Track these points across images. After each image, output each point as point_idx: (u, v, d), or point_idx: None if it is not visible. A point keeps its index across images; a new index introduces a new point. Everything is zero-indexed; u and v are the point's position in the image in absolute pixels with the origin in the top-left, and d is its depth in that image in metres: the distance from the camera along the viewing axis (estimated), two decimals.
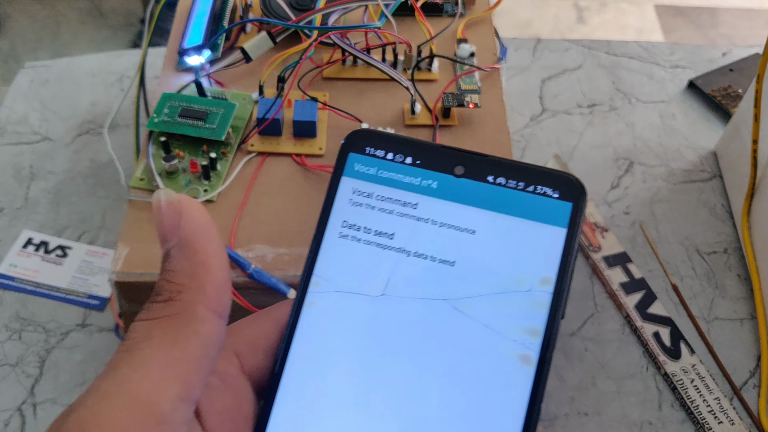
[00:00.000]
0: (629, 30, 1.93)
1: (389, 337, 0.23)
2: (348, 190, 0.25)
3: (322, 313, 0.24)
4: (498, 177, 0.24)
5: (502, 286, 0.23)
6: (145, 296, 0.41)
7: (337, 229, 0.24)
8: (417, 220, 0.24)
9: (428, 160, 0.24)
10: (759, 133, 0.58)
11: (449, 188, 0.24)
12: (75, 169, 0.67)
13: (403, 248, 0.24)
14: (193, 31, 0.54)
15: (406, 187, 0.24)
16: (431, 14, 0.58)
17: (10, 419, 0.51)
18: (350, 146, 0.25)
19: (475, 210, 0.24)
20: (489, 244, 0.24)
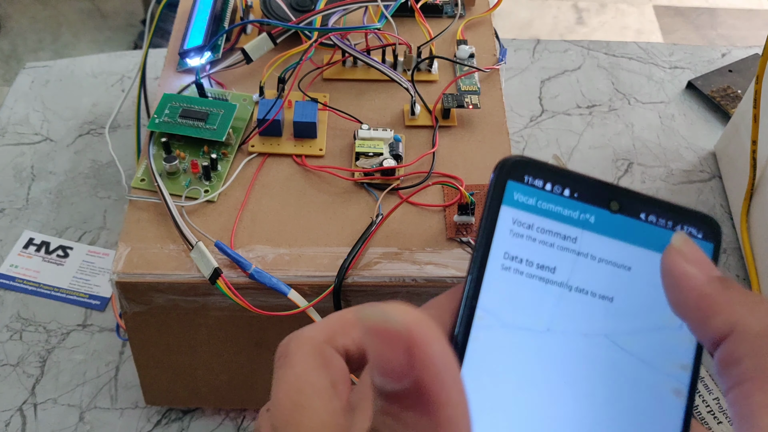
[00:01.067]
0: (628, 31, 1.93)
1: (553, 371, 0.23)
2: (508, 221, 0.24)
3: (489, 349, 0.23)
4: (650, 215, 0.24)
5: (656, 323, 0.24)
6: (145, 296, 0.42)
7: (499, 260, 0.24)
8: (577, 255, 0.24)
9: (586, 193, 0.24)
10: (758, 134, 0.58)
11: (606, 223, 0.24)
12: (76, 169, 0.67)
13: (565, 283, 0.24)
14: (194, 33, 0.54)
15: (566, 221, 0.24)
16: (431, 15, 0.58)
17: (11, 419, 0.51)
18: (508, 174, 0.24)
19: (630, 246, 0.24)
20: (644, 281, 0.24)
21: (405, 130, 0.50)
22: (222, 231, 0.43)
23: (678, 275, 0.22)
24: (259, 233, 0.43)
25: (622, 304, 0.24)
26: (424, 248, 0.43)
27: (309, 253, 0.43)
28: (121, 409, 0.52)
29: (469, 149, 0.49)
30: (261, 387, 0.49)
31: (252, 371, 0.48)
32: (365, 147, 0.47)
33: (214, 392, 0.49)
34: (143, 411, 0.52)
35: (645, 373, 0.24)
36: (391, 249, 0.43)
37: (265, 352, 0.46)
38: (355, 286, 0.41)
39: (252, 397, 0.50)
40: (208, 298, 0.42)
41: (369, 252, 0.43)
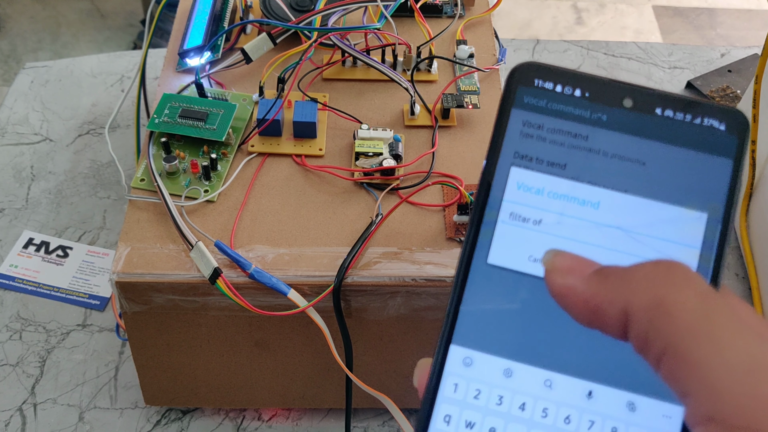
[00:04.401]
0: (628, 31, 1.94)
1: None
2: (518, 122, 0.24)
3: (503, 240, 0.24)
4: (666, 109, 0.24)
5: (674, 214, 0.24)
6: (145, 296, 0.42)
7: (509, 159, 0.24)
8: (588, 151, 0.24)
9: (597, 93, 0.24)
10: (758, 134, 0.58)
11: (619, 120, 0.24)
12: (76, 169, 0.67)
13: (576, 177, 0.24)
14: (194, 33, 0.54)
15: (577, 119, 0.24)
16: (430, 15, 0.58)
17: (11, 419, 0.51)
18: (519, 79, 0.25)
19: (644, 141, 0.24)
20: (660, 174, 0.24)
21: (404, 130, 0.50)
22: (222, 231, 0.43)
23: (560, 295, 0.22)
24: (258, 233, 0.43)
25: (637, 197, 0.24)
26: (424, 248, 0.43)
27: (309, 253, 0.43)
28: (120, 409, 0.52)
29: (468, 149, 0.49)
30: (260, 387, 0.49)
31: (252, 371, 0.48)
32: (365, 147, 0.47)
33: (214, 392, 0.49)
34: (143, 411, 0.52)
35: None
36: (391, 249, 0.43)
37: (265, 352, 0.46)
38: (354, 285, 0.41)
39: (252, 397, 0.50)
40: (208, 298, 0.42)
41: (369, 252, 0.43)
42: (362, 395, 0.45)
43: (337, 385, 0.48)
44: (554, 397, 0.23)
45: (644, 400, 0.23)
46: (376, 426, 0.52)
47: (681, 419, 0.23)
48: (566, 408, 0.23)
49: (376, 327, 0.44)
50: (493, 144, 0.25)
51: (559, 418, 0.23)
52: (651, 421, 0.23)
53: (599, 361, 0.23)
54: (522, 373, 0.24)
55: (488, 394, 0.24)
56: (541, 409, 0.23)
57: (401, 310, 0.43)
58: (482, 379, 0.24)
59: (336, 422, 0.52)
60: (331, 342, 0.42)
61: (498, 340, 0.24)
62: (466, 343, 0.24)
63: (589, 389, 0.23)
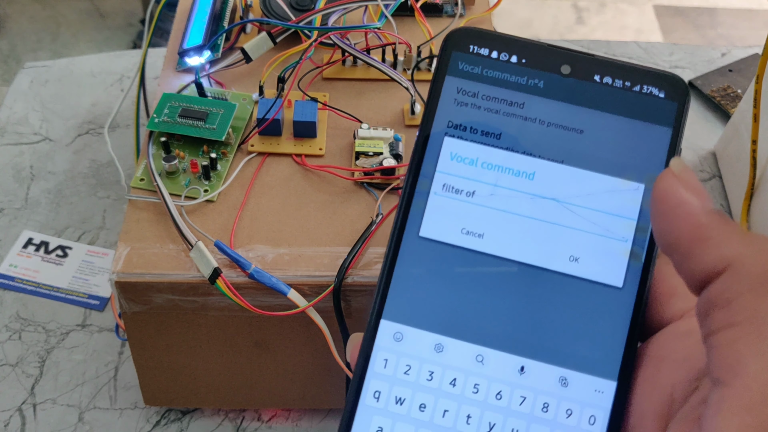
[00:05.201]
0: (628, 30, 1.93)
1: (501, 233, 0.23)
2: (452, 90, 0.24)
3: (437, 211, 0.24)
4: (605, 76, 0.24)
5: (611, 185, 0.23)
6: (145, 296, 0.42)
7: (443, 129, 0.24)
8: (524, 120, 0.24)
9: (534, 59, 0.24)
10: (758, 134, 0.58)
11: (556, 88, 0.24)
12: (75, 169, 0.67)
13: (511, 147, 0.24)
14: (193, 32, 0.54)
15: (512, 87, 0.24)
16: (431, 15, 0.58)
17: (10, 419, 0.51)
18: (453, 45, 0.24)
19: (582, 109, 0.24)
20: (597, 143, 0.23)
21: (405, 130, 0.49)
22: (221, 231, 0.43)
23: (673, 202, 0.21)
24: (258, 233, 0.43)
25: (573, 166, 0.23)
26: None
27: (309, 253, 0.42)
28: (120, 409, 0.52)
29: None
30: (260, 387, 0.49)
31: (251, 371, 0.47)
32: (365, 146, 0.47)
33: (214, 392, 0.49)
34: (142, 411, 0.52)
35: (597, 238, 0.23)
36: None
37: (265, 352, 0.46)
38: (355, 285, 0.41)
39: (252, 397, 0.50)
40: (208, 298, 0.42)
41: (369, 252, 0.43)
42: None
43: (337, 385, 0.48)
44: (486, 373, 0.23)
45: (577, 375, 0.23)
46: None
47: (613, 394, 0.23)
48: (498, 384, 0.23)
49: None
50: (427, 113, 0.24)
51: (490, 393, 0.23)
52: (583, 396, 0.23)
53: (532, 336, 0.23)
54: (453, 348, 0.23)
55: (419, 369, 0.23)
56: (472, 384, 0.23)
57: None
58: (413, 354, 0.23)
59: (336, 422, 0.52)
60: (331, 342, 0.42)
61: (429, 314, 0.23)
62: (396, 318, 0.23)
63: (521, 365, 0.23)
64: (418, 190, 0.24)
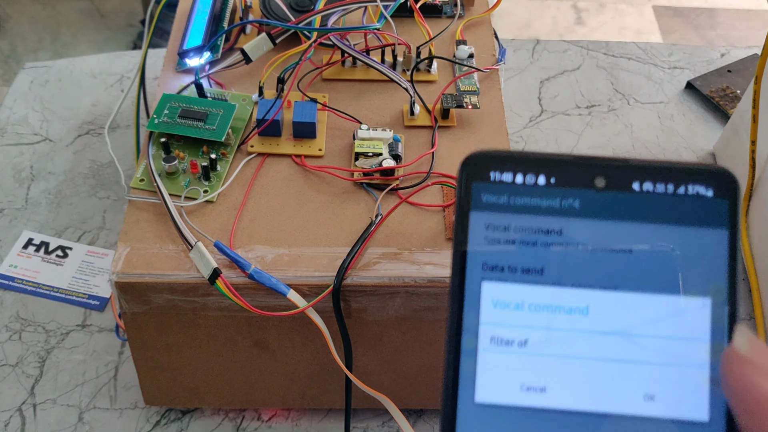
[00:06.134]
0: (628, 31, 1.93)
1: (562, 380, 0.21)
2: (480, 227, 0.22)
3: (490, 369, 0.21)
4: (644, 183, 0.21)
5: (674, 306, 0.21)
6: (144, 296, 0.42)
7: (478, 273, 0.21)
8: (566, 248, 0.21)
9: (563, 176, 0.21)
10: (757, 134, 0.58)
11: (594, 205, 0.21)
12: (75, 169, 0.67)
13: (557, 281, 0.21)
14: (193, 33, 0.54)
15: (546, 212, 0.21)
16: (430, 15, 0.58)
17: (10, 419, 0.51)
18: (472, 175, 0.22)
19: (626, 225, 0.21)
20: (649, 261, 0.21)
21: (404, 130, 0.50)
22: (221, 231, 0.43)
23: (755, 397, 0.19)
24: (258, 233, 0.43)
25: (630, 293, 0.21)
26: (424, 248, 0.43)
27: (308, 254, 0.43)
28: (120, 409, 0.52)
29: (468, 149, 0.49)
30: (260, 387, 0.49)
31: (251, 371, 0.48)
32: (364, 147, 0.47)
33: (213, 392, 0.49)
34: (142, 411, 0.52)
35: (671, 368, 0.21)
36: (391, 249, 0.43)
37: (265, 352, 0.46)
38: (354, 286, 0.41)
39: (251, 397, 0.50)
40: (208, 299, 0.42)
41: (368, 252, 0.43)
42: (362, 396, 0.45)
43: (337, 385, 0.48)
44: None
45: None
46: (376, 426, 0.52)
47: None
48: None
49: (376, 327, 0.44)
50: (457, 257, 0.21)
51: None
52: None
53: None
54: None
55: None
56: None
57: (401, 310, 0.43)
58: None
59: (336, 422, 0.52)
60: (330, 342, 0.42)
61: None
62: None
63: None
64: (464, 349, 0.21)
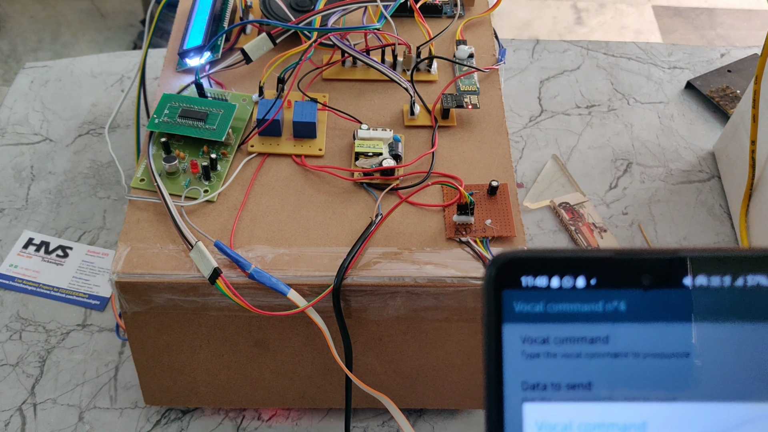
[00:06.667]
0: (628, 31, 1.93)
1: None
2: (516, 341, 0.19)
3: None
4: (696, 276, 0.19)
5: (743, 414, 0.19)
6: (145, 296, 0.42)
7: (518, 394, 0.19)
8: (614, 358, 0.19)
9: (605, 276, 0.19)
10: (757, 134, 0.58)
11: (642, 306, 0.19)
12: (75, 169, 0.67)
13: (607, 397, 0.19)
14: (193, 33, 0.54)
15: (588, 319, 0.19)
16: (430, 15, 0.58)
17: (11, 419, 0.51)
18: (501, 282, 0.19)
19: (680, 326, 0.19)
20: (710, 364, 0.19)
21: (404, 130, 0.50)
22: (221, 231, 0.43)
23: None
24: (258, 233, 0.44)
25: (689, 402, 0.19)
26: (424, 248, 0.43)
27: (308, 253, 0.43)
28: (120, 409, 0.52)
29: (468, 149, 0.49)
30: (260, 387, 0.49)
31: (251, 371, 0.48)
32: (365, 147, 0.47)
33: (214, 392, 0.49)
34: (143, 411, 0.52)
35: None
36: (391, 249, 0.43)
37: (265, 352, 0.46)
38: (354, 286, 0.42)
39: (251, 396, 0.50)
40: (208, 298, 0.42)
41: (368, 252, 0.43)
42: (362, 395, 0.45)
43: (337, 385, 0.48)
44: None
45: None
46: (376, 426, 0.52)
47: None
48: None
49: (376, 327, 0.44)
50: (491, 377, 0.19)
51: None
52: None
53: None
54: None
55: None
56: None
57: (401, 310, 0.43)
58: None
59: (336, 422, 0.52)
60: (330, 342, 0.42)
61: None
62: None
63: None
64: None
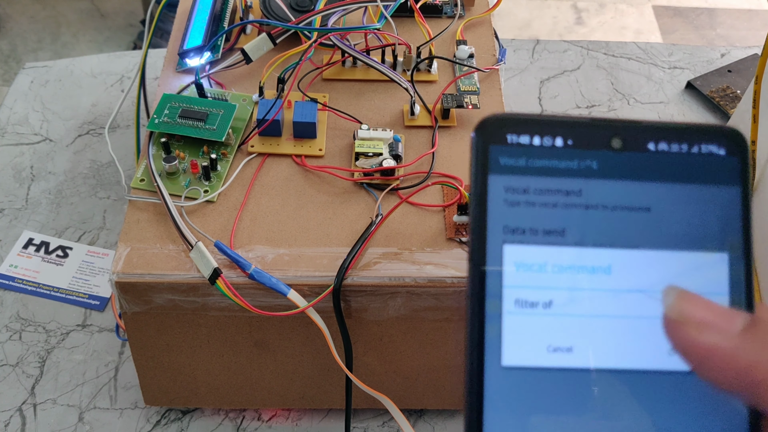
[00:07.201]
0: (628, 31, 1.93)
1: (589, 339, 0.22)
2: (499, 190, 0.22)
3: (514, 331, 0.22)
4: (659, 143, 0.22)
5: (693, 261, 0.21)
6: (145, 296, 0.42)
7: (500, 236, 0.21)
8: (586, 209, 0.22)
9: (581, 138, 0.22)
10: (757, 134, 0.58)
11: (611, 165, 0.22)
12: (75, 169, 0.67)
13: (579, 242, 0.21)
14: (193, 33, 0.54)
15: (565, 174, 0.22)
16: (430, 15, 0.58)
17: (11, 419, 0.51)
18: (489, 138, 0.22)
19: (643, 184, 0.22)
20: (667, 218, 0.22)
21: (404, 130, 0.50)
22: (221, 231, 0.43)
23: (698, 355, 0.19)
24: (258, 233, 0.43)
25: (649, 249, 0.21)
26: (424, 248, 0.43)
27: (309, 254, 0.43)
28: (120, 409, 0.52)
29: (468, 149, 0.49)
30: (260, 387, 0.49)
31: (252, 371, 0.48)
32: (365, 147, 0.47)
33: (214, 392, 0.49)
34: (143, 411, 0.52)
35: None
36: (391, 249, 0.43)
37: (265, 352, 0.46)
38: (354, 286, 0.41)
39: (251, 397, 0.50)
40: (208, 299, 0.42)
41: (369, 252, 0.43)
42: (362, 396, 0.45)
43: (337, 385, 0.48)
44: None
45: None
46: (376, 426, 0.52)
47: None
48: None
49: (376, 327, 0.44)
50: (476, 221, 0.21)
51: None
52: None
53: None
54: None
55: None
56: None
57: (401, 310, 0.43)
58: None
59: (336, 422, 0.52)
60: (330, 342, 0.42)
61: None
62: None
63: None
64: (488, 314, 0.21)
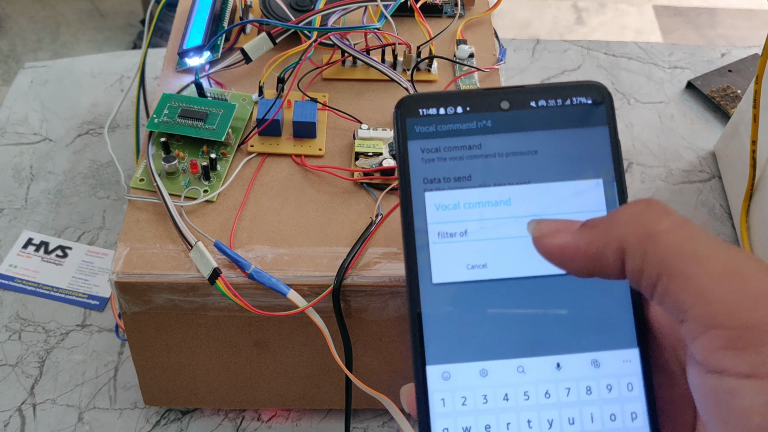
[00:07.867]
0: (628, 31, 1.93)
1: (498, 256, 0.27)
2: (417, 152, 0.27)
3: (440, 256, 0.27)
4: (539, 101, 0.27)
5: (575, 188, 0.27)
6: (144, 296, 0.42)
7: (421, 186, 0.27)
8: (486, 157, 0.27)
9: (476, 104, 0.27)
10: (758, 134, 0.58)
11: (502, 122, 0.27)
12: (75, 169, 0.67)
13: (483, 183, 0.27)
14: (193, 32, 0.54)
15: (467, 133, 0.27)
16: (430, 15, 0.58)
17: (10, 419, 0.51)
18: (406, 113, 0.27)
19: (529, 134, 0.27)
20: (551, 158, 0.27)
21: None
22: (221, 231, 0.43)
23: (556, 254, 0.24)
24: (258, 233, 0.43)
25: (539, 182, 0.27)
26: None
27: (308, 253, 0.42)
28: (120, 409, 0.52)
29: None
30: (260, 387, 0.49)
31: (251, 371, 0.47)
32: (365, 147, 0.47)
33: (213, 392, 0.49)
34: (142, 411, 0.52)
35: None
36: (391, 249, 0.43)
37: (264, 352, 0.46)
38: (354, 286, 0.41)
39: (251, 397, 0.50)
40: (208, 299, 0.42)
41: (368, 252, 0.43)
42: (362, 396, 0.45)
43: (337, 385, 0.48)
44: (530, 380, 0.26)
45: (604, 354, 0.26)
46: (376, 427, 0.52)
47: (639, 359, 0.26)
48: (543, 385, 0.26)
49: (376, 327, 0.44)
50: (402, 176, 0.27)
51: (539, 395, 0.26)
52: (616, 370, 0.26)
53: (556, 335, 0.26)
54: (495, 369, 0.26)
55: (473, 397, 0.26)
56: (522, 393, 0.26)
57: (401, 310, 0.43)
58: (464, 386, 0.26)
59: (336, 423, 0.52)
60: (330, 342, 0.42)
61: (466, 347, 0.26)
62: (439, 360, 0.26)
63: (556, 362, 0.26)
64: (418, 245, 0.27)
